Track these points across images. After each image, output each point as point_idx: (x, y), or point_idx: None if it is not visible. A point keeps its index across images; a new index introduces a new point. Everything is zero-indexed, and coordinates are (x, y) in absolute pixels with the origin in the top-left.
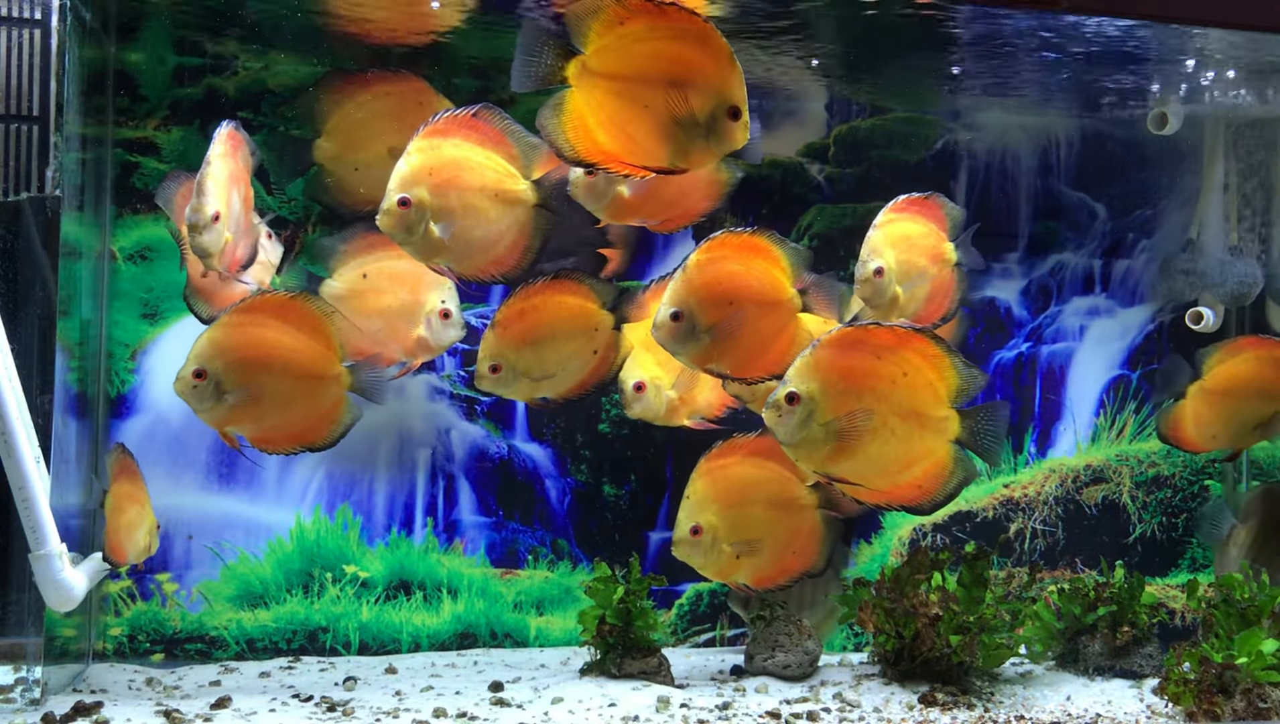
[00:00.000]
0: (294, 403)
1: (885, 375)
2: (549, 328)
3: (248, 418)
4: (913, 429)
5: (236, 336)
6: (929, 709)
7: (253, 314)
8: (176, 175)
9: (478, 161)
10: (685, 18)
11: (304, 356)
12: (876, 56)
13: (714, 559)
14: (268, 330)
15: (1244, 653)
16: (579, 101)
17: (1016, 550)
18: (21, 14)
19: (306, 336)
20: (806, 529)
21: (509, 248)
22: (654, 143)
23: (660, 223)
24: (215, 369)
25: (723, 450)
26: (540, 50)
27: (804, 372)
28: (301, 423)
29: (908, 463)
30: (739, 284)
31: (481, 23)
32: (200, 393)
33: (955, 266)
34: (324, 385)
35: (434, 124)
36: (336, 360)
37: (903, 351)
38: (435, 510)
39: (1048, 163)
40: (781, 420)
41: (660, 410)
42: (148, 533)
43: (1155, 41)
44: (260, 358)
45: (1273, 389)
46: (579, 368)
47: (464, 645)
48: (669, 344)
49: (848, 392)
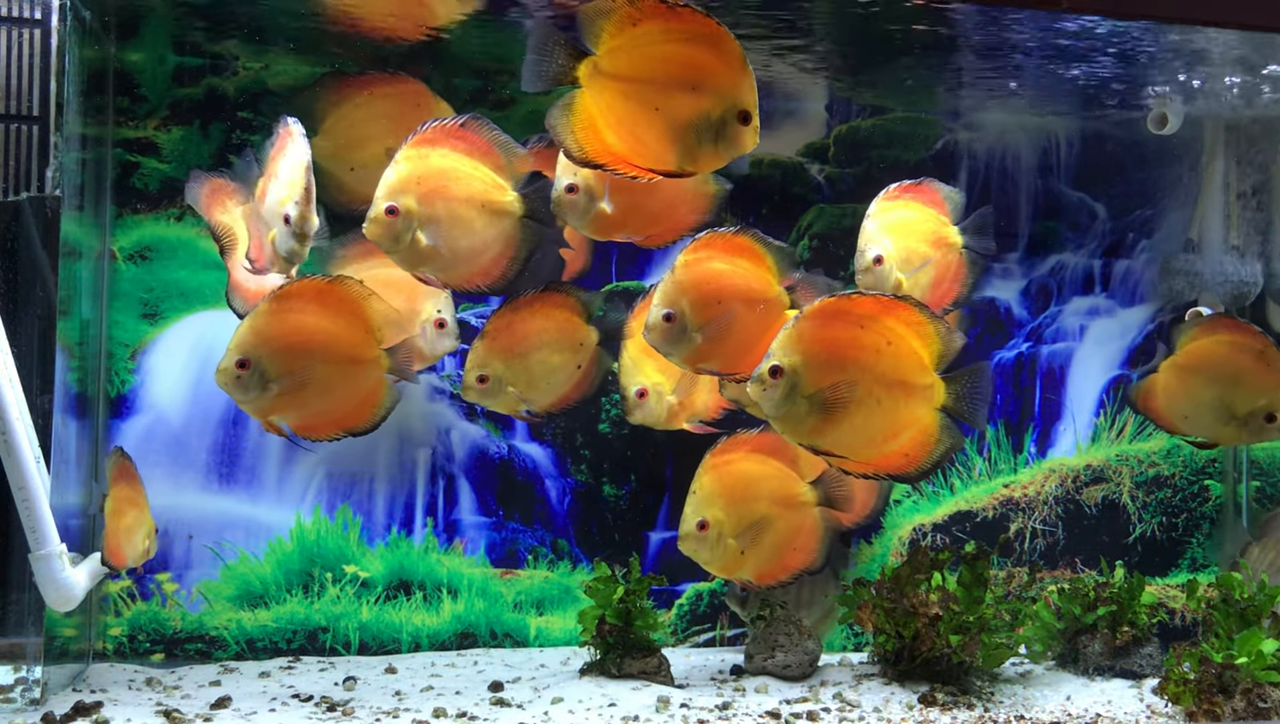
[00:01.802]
0: (337, 388)
1: (869, 345)
2: (537, 340)
3: (292, 406)
4: (898, 398)
5: (277, 324)
6: (929, 709)
7: (291, 301)
8: (198, 175)
9: (465, 172)
10: (698, 20)
11: (345, 341)
12: (877, 56)
13: (719, 554)
14: (307, 316)
15: (1244, 653)
16: (589, 102)
17: (1016, 550)
18: (21, 14)
19: (345, 320)
20: (807, 526)
21: (495, 259)
22: (663, 145)
23: (647, 238)
24: (258, 358)
25: (727, 446)
26: (551, 50)
27: (787, 344)
28: (344, 407)
29: (894, 432)
30: (727, 283)
31: (481, 20)
32: (244, 383)
33: (964, 250)
34: (365, 369)
35: (422, 133)
36: (375, 343)
37: (886, 320)
38: (435, 510)
39: (1048, 163)
40: (766, 394)
41: (662, 416)
42: (146, 536)
43: (1155, 41)
44: (303, 344)
45: (1243, 377)
46: (563, 382)
47: (464, 645)
48: (661, 345)
49: (831, 363)
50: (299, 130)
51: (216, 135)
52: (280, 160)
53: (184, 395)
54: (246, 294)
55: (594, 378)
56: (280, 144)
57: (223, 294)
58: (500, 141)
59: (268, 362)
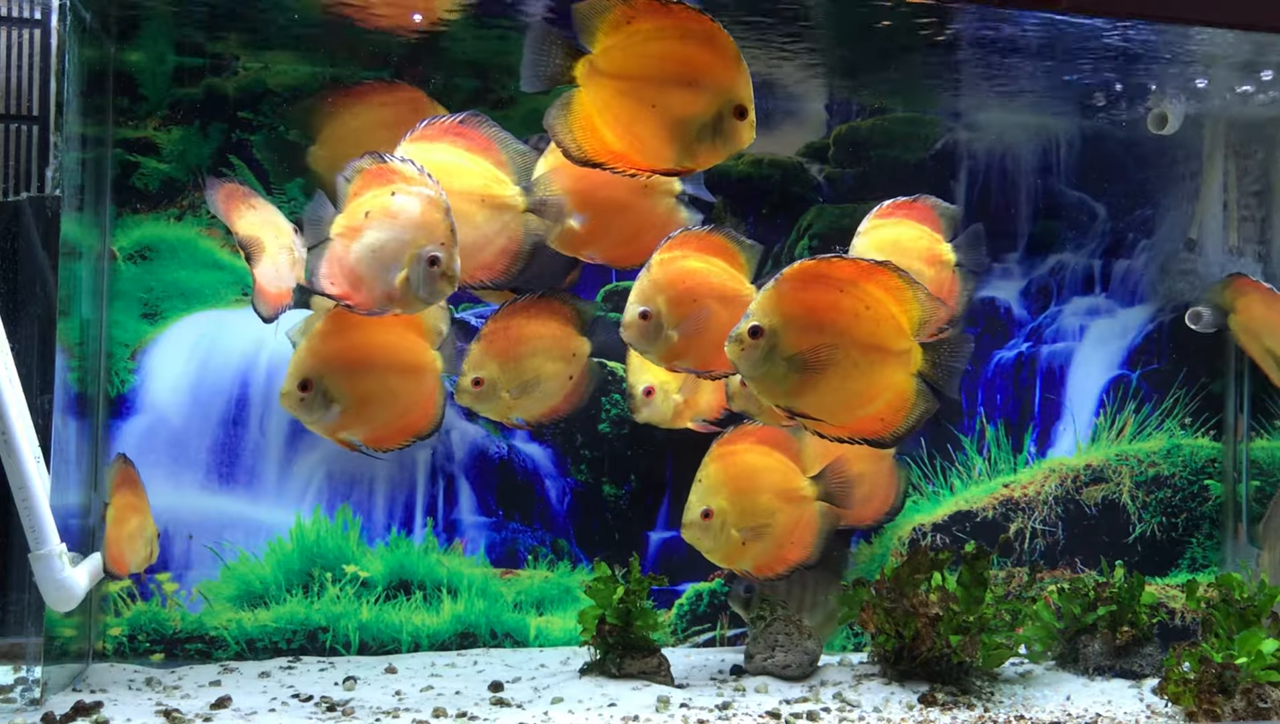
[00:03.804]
0: (400, 396)
1: (847, 309)
2: (532, 346)
3: (359, 420)
4: (875, 362)
5: (335, 342)
6: (929, 709)
7: (345, 317)
8: (214, 181)
9: (465, 167)
10: (692, 16)
11: (402, 350)
12: (877, 56)
13: (721, 544)
14: (362, 330)
15: (1244, 653)
16: (587, 101)
17: (1016, 550)
18: (21, 14)
19: (399, 329)
20: (806, 520)
21: (498, 253)
22: (661, 142)
23: (614, 258)
24: (319, 378)
25: (733, 436)
26: (549, 50)
27: (766, 306)
28: (410, 414)
29: (870, 396)
30: (702, 281)
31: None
32: (309, 405)
33: (956, 267)
34: (423, 374)
35: (422, 130)
36: (428, 347)
37: (865, 285)
38: (435, 510)
39: (1048, 163)
40: (744, 354)
41: (668, 414)
42: (148, 542)
43: (1155, 41)
44: (363, 359)
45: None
46: (555, 391)
47: (464, 645)
48: (638, 343)
49: (810, 325)
50: (415, 169)
51: (216, 135)
52: (380, 197)
53: (184, 395)
54: (270, 299)
55: (584, 390)
56: (365, 181)
57: (222, 294)
58: (500, 138)
59: (329, 381)
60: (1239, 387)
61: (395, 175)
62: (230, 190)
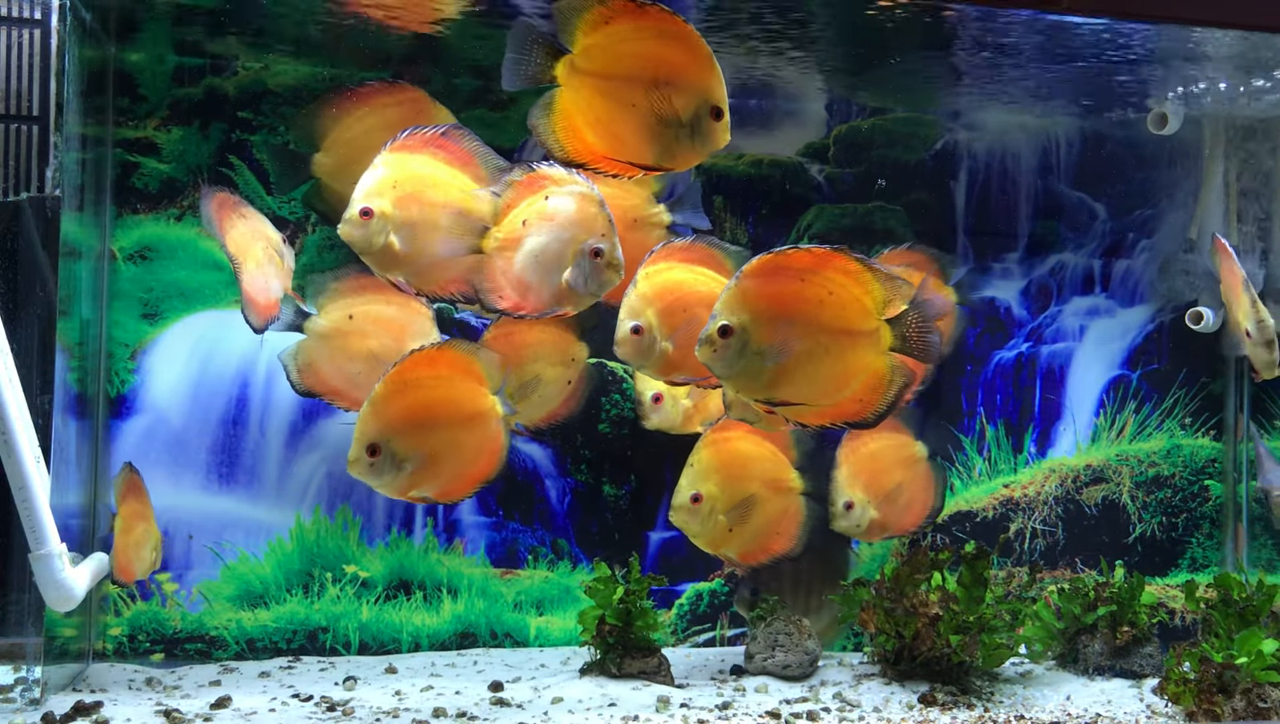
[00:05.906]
0: (465, 448)
1: (811, 297)
2: (533, 351)
3: (429, 477)
4: (845, 345)
5: (397, 404)
6: (929, 709)
7: (404, 376)
8: (207, 190)
9: (443, 179)
10: (666, 18)
11: (463, 401)
12: (877, 56)
13: (708, 528)
14: (424, 388)
15: (1244, 653)
16: (568, 101)
17: (1016, 550)
18: (21, 14)
19: (459, 380)
20: (791, 512)
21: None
22: (640, 142)
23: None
24: (386, 441)
25: (727, 423)
26: (529, 49)
27: (732, 304)
28: (476, 463)
29: (846, 380)
30: (690, 291)
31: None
32: (379, 469)
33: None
34: (485, 421)
35: (402, 140)
36: (488, 393)
37: (824, 271)
38: (435, 510)
39: (1048, 163)
40: (717, 355)
41: (677, 420)
42: (153, 548)
43: (1155, 41)
44: (426, 417)
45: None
46: (554, 396)
47: (464, 645)
48: (634, 359)
49: (777, 317)
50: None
51: (216, 135)
52: (534, 205)
53: (184, 395)
54: (260, 309)
55: (582, 395)
56: (518, 192)
57: (222, 294)
58: (480, 151)
59: (395, 443)
60: (1239, 387)
61: (545, 180)
62: (223, 200)
